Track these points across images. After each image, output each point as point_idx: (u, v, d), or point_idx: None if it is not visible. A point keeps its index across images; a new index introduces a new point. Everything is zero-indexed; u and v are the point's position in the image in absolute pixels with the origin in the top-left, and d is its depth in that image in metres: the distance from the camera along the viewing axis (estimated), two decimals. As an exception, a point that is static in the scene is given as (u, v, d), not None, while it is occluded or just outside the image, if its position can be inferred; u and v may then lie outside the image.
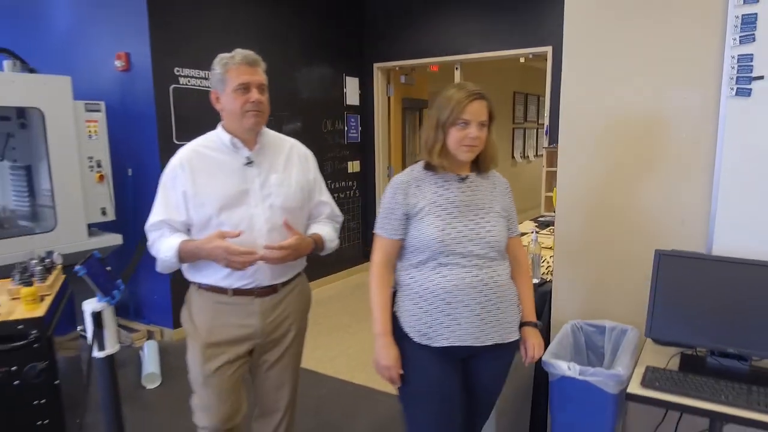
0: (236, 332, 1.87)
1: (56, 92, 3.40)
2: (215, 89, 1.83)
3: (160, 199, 1.85)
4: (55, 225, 3.46)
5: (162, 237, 1.81)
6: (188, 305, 1.95)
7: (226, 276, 1.82)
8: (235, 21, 4.41)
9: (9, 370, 2.10)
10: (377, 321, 1.79)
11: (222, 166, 1.83)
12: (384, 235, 1.79)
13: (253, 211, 1.82)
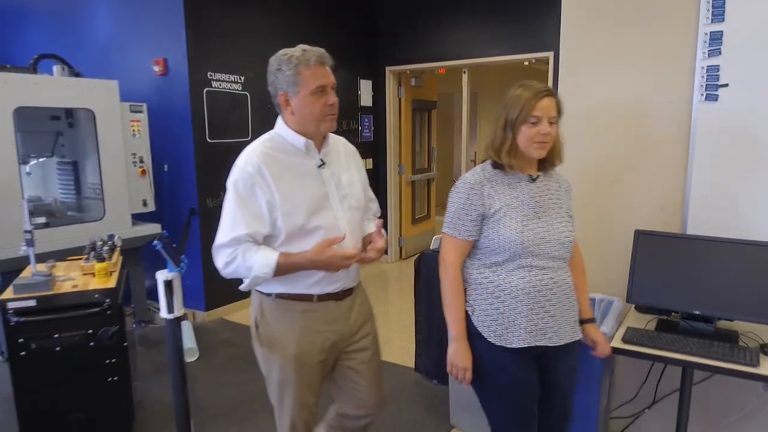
0: (324, 338, 1.78)
1: (105, 95, 3.78)
2: (284, 91, 1.67)
3: (236, 210, 1.65)
4: (103, 215, 3.84)
5: (247, 252, 1.64)
6: (263, 318, 1.80)
7: (315, 283, 1.73)
8: (261, 28, 4.77)
9: (86, 332, 2.49)
10: (453, 324, 1.79)
11: (299, 170, 1.70)
12: (456, 236, 1.76)
13: (335, 213, 1.73)
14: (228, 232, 1.65)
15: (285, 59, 1.65)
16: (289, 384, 1.78)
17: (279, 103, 1.71)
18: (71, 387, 2.49)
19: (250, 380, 3.44)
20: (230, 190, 1.67)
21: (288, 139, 1.73)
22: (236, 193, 1.65)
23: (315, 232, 1.68)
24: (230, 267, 1.66)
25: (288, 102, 1.68)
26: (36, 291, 2.42)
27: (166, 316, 2.29)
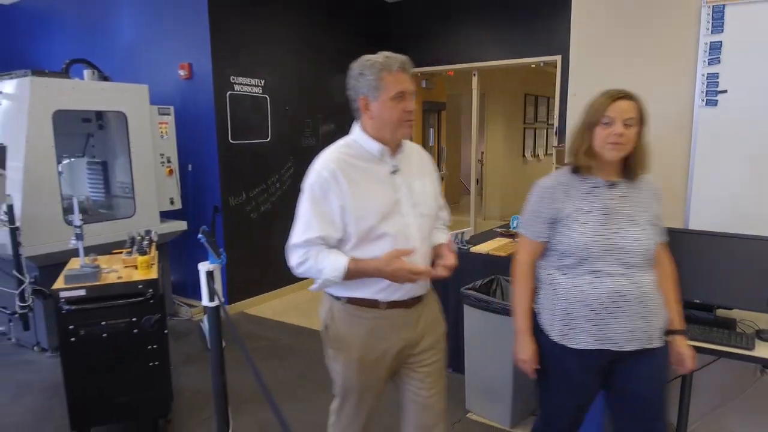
0: (391, 344, 1.79)
1: (136, 98, 3.98)
2: (365, 95, 1.70)
3: (310, 213, 1.70)
4: (134, 212, 4.04)
5: (319, 254, 1.68)
6: (333, 320, 1.83)
7: (382, 289, 1.73)
8: (278, 34, 4.96)
9: (130, 320, 2.68)
10: (519, 317, 1.87)
11: (372, 175, 1.72)
12: (529, 236, 1.84)
13: (406, 220, 1.73)
14: (301, 234, 1.70)
15: (368, 65, 1.69)
16: (352, 387, 1.82)
17: (358, 107, 1.74)
18: (116, 371, 2.68)
19: (276, 369, 3.64)
20: (306, 192, 1.72)
21: (363, 144, 1.75)
22: (311, 196, 1.69)
23: (384, 238, 1.69)
24: (302, 267, 1.71)
25: (368, 106, 1.70)
26: (85, 281, 2.61)
27: (207, 304, 2.49)
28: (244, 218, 4.76)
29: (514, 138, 9.35)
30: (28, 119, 3.42)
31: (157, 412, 2.84)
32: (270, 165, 4.98)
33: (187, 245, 4.72)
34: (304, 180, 1.74)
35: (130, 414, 2.79)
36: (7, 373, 3.61)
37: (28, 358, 3.85)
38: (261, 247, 4.93)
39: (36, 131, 3.45)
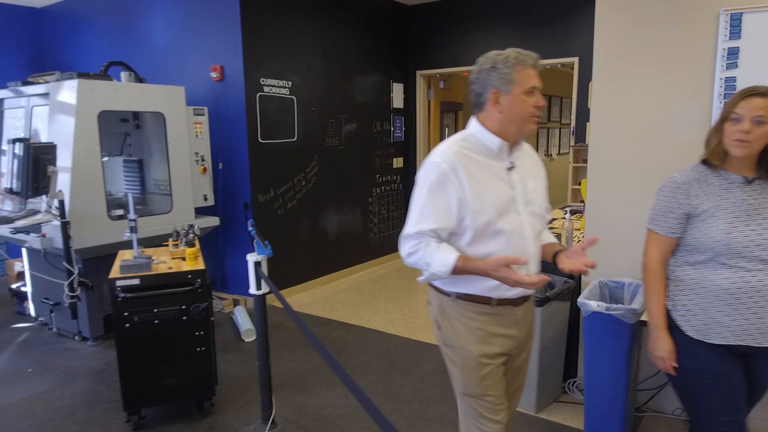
0: (503, 341, 1.79)
1: (174, 99, 4.17)
2: (496, 88, 1.67)
3: (426, 205, 1.68)
4: (170, 208, 4.23)
5: (428, 247, 1.66)
6: (444, 317, 1.82)
7: (494, 287, 1.72)
8: (304, 37, 5.14)
9: (180, 308, 2.86)
10: (654, 314, 1.87)
11: (489, 170, 1.71)
12: (660, 232, 1.85)
13: (520, 218, 1.72)
14: (414, 225, 1.69)
15: (501, 59, 1.66)
16: (473, 385, 1.78)
17: (483, 102, 1.71)
18: (166, 356, 2.87)
19: (308, 358, 3.81)
20: (422, 184, 1.70)
21: (482, 139, 1.73)
22: (428, 188, 1.68)
23: (500, 235, 1.68)
24: (412, 258, 1.70)
25: (498, 100, 1.68)
26: (139, 271, 2.80)
27: (255, 293, 2.68)
28: (271, 214, 4.94)
29: (527, 137, 9.44)
30: (75, 119, 3.62)
31: (203, 395, 3.03)
32: (296, 163, 5.16)
33: (218, 240, 4.92)
34: (418, 172, 1.74)
35: (178, 396, 2.98)
36: (54, 361, 3.81)
37: (71, 347, 4.05)
38: (288, 243, 5.12)
39: (83, 131, 3.65)
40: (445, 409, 3.09)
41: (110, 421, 3.00)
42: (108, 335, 4.10)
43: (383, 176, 6.35)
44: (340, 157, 5.66)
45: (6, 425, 3.00)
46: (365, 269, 6.12)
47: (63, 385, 3.45)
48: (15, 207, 4.27)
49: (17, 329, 4.44)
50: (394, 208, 6.59)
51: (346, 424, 2.97)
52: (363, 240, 6.12)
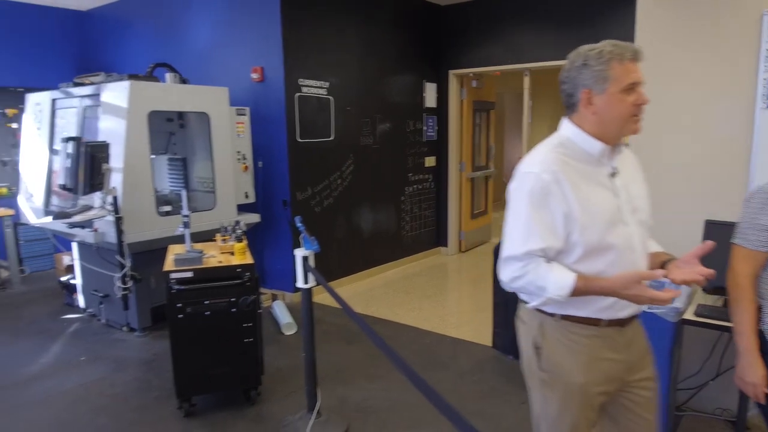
0: (610, 367, 1.60)
1: (218, 100, 4.31)
2: (588, 87, 1.51)
3: (530, 221, 1.51)
4: (214, 205, 4.37)
5: (539, 269, 1.50)
6: (545, 340, 1.62)
7: (606, 307, 1.55)
8: (342, 38, 5.24)
9: (229, 300, 2.98)
10: (743, 336, 1.73)
11: (592, 178, 1.54)
12: (748, 246, 1.72)
13: (629, 230, 1.55)
14: (521, 245, 1.50)
15: (593, 54, 1.50)
16: (569, 415, 1.61)
17: (575, 102, 1.55)
18: (216, 346, 3.00)
19: (346, 351, 3.91)
20: (521, 198, 1.52)
21: (581, 144, 1.56)
22: (530, 202, 1.50)
23: (610, 250, 1.51)
24: (518, 282, 1.52)
25: (591, 100, 1.52)
26: (191, 264, 2.93)
27: (302, 286, 2.78)
28: (309, 212, 5.05)
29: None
30: (127, 120, 3.78)
31: (250, 384, 3.15)
32: (332, 162, 5.27)
33: (257, 236, 5.05)
34: (512, 184, 1.57)
35: (227, 385, 3.11)
36: (105, 350, 3.99)
37: (119, 337, 4.22)
38: (324, 240, 5.21)
39: (134, 130, 3.81)
40: (484, 404, 3.15)
41: (162, 408, 3.14)
42: (155, 327, 4.27)
43: (416, 175, 6.42)
44: (374, 156, 5.75)
45: (64, 410, 3.17)
46: (398, 267, 6.20)
47: (115, 374, 3.61)
48: (66, 203, 4.46)
49: (67, 320, 4.64)
50: (426, 206, 6.65)
51: (387, 416, 3.05)
52: (395, 238, 6.20)
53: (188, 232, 3.06)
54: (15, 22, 6.02)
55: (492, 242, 7.21)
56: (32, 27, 6.18)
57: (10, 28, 5.99)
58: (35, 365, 3.77)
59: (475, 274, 6.07)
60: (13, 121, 5.97)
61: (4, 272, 5.73)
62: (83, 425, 3.00)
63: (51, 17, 6.32)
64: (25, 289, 5.56)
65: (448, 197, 6.75)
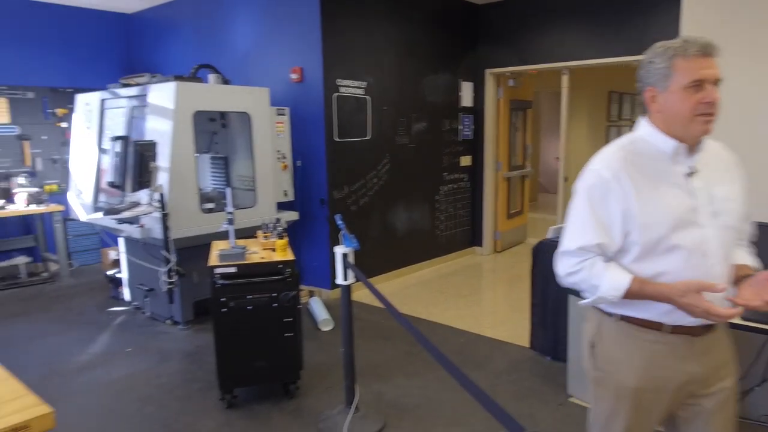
0: (671, 376, 1.54)
1: (259, 100, 4.42)
2: (651, 86, 1.49)
3: (586, 217, 1.52)
4: (254, 203, 4.48)
5: (594, 267, 1.50)
6: (601, 339, 1.61)
7: (669, 311, 1.48)
8: (379, 38, 5.29)
9: (271, 296, 3.06)
10: None
11: (662, 177, 1.50)
12: None
13: (705, 232, 1.48)
14: (575, 240, 1.53)
15: (660, 51, 1.46)
16: (619, 418, 1.58)
17: (644, 101, 1.54)
18: (257, 340, 3.08)
19: (383, 347, 3.96)
20: (581, 194, 1.54)
21: (653, 142, 1.53)
22: (588, 199, 1.52)
23: (675, 252, 1.46)
24: (572, 278, 1.55)
25: (654, 98, 1.50)
26: (235, 260, 3.02)
27: (342, 283, 2.83)
28: (345, 210, 5.11)
29: (597, 136, 9.29)
30: (173, 120, 3.90)
31: (289, 378, 3.22)
32: (369, 161, 5.33)
33: (294, 234, 5.14)
34: (577, 181, 1.57)
35: (267, 378, 3.20)
36: (150, 342, 4.13)
37: (163, 330, 4.37)
38: (359, 238, 5.25)
39: (180, 130, 3.93)
40: (521, 404, 3.14)
41: (205, 399, 3.25)
42: (197, 320, 4.40)
43: (451, 174, 6.42)
44: (410, 156, 5.78)
45: (113, 398, 3.31)
46: (432, 266, 6.22)
47: (160, 365, 3.74)
48: (114, 200, 4.64)
49: (114, 312, 4.82)
50: (461, 206, 6.65)
51: (423, 413, 3.08)
52: (430, 237, 6.22)
53: (232, 228, 3.15)
54: (65, 26, 6.28)
55: (528, 243, 7.15)
56: (81, 30, 6.43)
57: (61, 31, 6.25)
58: (85, 355, 3.94)
59: (511, 274, 6.04)
60: (62, 121, 6.23)
61: (54, 266, 5.99)
62: (131, 413, 3.12)
63: (99, 20, 6.57)
64: (73, 282, 5.80)
65: (483, 197, 6.73)
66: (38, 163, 6.12)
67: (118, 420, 3.06)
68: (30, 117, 6.01)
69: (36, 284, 5.73)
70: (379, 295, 2.43)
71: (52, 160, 6.21)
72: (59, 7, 6.19)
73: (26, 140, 6.00)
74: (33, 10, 6.01)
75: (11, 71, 5.90)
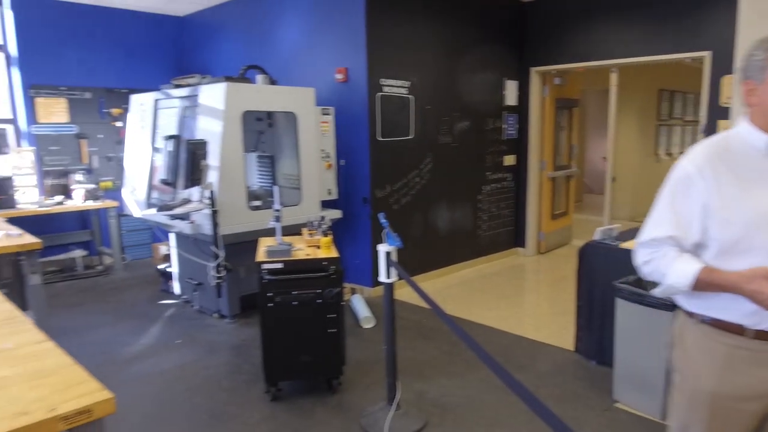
0: (754, 384, 1.46)
1: (305, 100, 4.50)
2: (750, 79, 1.45)
3: (665, 209, 1.53)
4: (299, 201, 4.56)
5: (666, 257, 1.49)
6: (682, 341, 1.59)
7: (753, 313, 1.42)
8: (424, 37, 5.30)
9: (315, 292, 3.11)
10: None
11: (752, 174, 1.45)
12: None
13: None
14: (650, 231, 1.55)
15: (757, 43, 1.45)
16: (696, 424, 1.54)
17: (743, 94, 1.50)
18: (302, 335, 3.14)
19: (424, 347, 3.97)
20: (666, 187, 1.56)
21: (746, 138, 1.49)
22: (671, 192, 1.53)
23: (755, 252, 1.41)
24: (647, 267, 1.56)
25: (752, 92, 1.46)
26: (282, 256, 3.09)
27: (385, 281, 2.86)
28: (387, 209, 5.14)
29: (646, 135, 9.02)
30: (223, 120, 4.02)
31: (332, 373, 3.28)
32: (411, 160, 5.34)
33: (337, 232, 5.20)
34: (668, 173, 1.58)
35: (310, 373, 3.26)
36: (198, 334, 4.27)
37: (210, 323, 4.51)
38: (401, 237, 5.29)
39: (229, 129, 4.05)
40: (565, 408, 3.10)
41: (251, 391, 3.34)
42: (243, 314, 4.52)
43: (494, 173, 6.37)
44: (453, 155, 5.76)
45: (163, 388, 3.44)
46: (474, 266, 6.18)
47: (208, 357, 3.86)
48: (165, 197, 4.81)
49: (164, 305, 5.00)
50: (504, 206, 6.58)
51: (464, 412, 3.08)
52: (472, 237, 6.18)
53: (279, 225, 3.23)
54: (121, 29, 6.54)
55: (573, 245, 7.01)
56: (136, 33, 6.69)
57: (117, 34, 6.52)
58: (136, 345, 4.11)
59: (556, 276, 5.94)
60: (117, 120, 6.50)
61: (108, 259, 6.26)
62: (180, 403, 3.24)
63: (152, 23, 6.82)
64: (125, 276, 6.05)
65: (527, 197, 6.64)
66: (94, 161, 6.41)
67: (169, 408, 3.19)
68: (87, 116, 6.31)
69: (91, 276, 6.01)
70: (422, 294, 2.44)
71: (107, 158, 6.50)
72: (115, 11, 6.46)
73: (84, 139, 6.30)
74: (90, 15, 6.29)
75: (70, 73, 6.20)
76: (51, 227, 5.96)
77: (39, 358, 1.55)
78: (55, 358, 1.55)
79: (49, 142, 6.07)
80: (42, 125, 6.03)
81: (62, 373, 1.45)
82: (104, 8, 6.37)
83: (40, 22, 5.95)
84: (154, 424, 3.03)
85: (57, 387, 1.37)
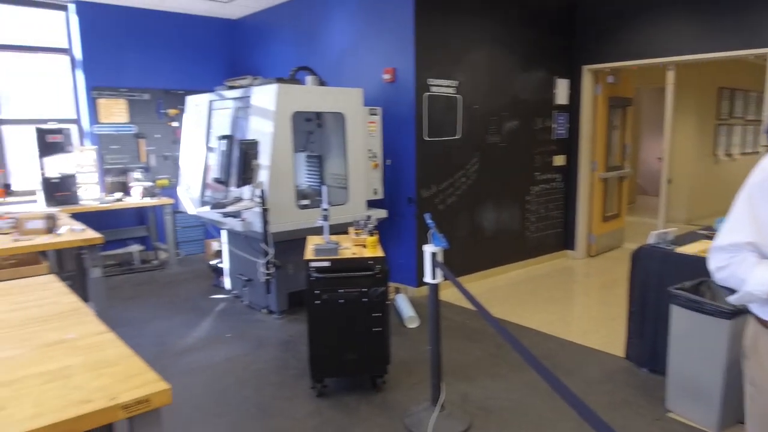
0: None
1: (353, 101, 4.55)
2: None
3: (743, 214, 1.50)
4: (346, 200, 4.62)
5: (744, 262, 1.46)
6: (756, 351, 1.54)
7: None
8: (472, 35, 5.25)
9: (361, 290, 3.14)
10: None
11: None
12: None
13: None
14: (726, 236, 1.51)
15: None
16: None
17: None
18: (348, 333, 3.19)
19: (469, 348, 3.95)
20: (745, 191, 1.52)
21: None
22: (750, 196, 1.50)
23: None
24: (721, 273, 1.52)
25: None
26: (329, 255, 3.14)
27: (430, 281, 2.86)
28: (433, 209, 5.13)
29: (705, 134, 8.64)
30: (274, 120, 4.11)
31: (377, 372, 3.31)
32: (458, 160, 5.31)
33: (382, 231, 5.22)
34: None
35: (356, 370, 3.30)
36: (247, 329, 4.39)
37: (259, 318, 4.62)
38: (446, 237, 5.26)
39: (280, 130, 4.14)
40: (614, 415, 3.02)
41: (297, 386, 3.41)
42: (290, 310, 4.61)
43: (543, 174, 6.25)
44: (500, 155, 5.69)
45: (214, 380, 3.55)
46: (521, 268, 6.09)
47: (256, 351, 3.97)
48: (218, 195, 4.96)
49: (215, 300, 5.17)
50: (553, 207, 6.45)
51: (509, 416, 3.04)
52: (519, 238, 6.09)
53: (327, 224, 3.28)
54: (177, 32, 6.79)
55: (625, 248, 6.80)
56: (191, 36, 6.93)
57: (173, 37, 6.77)
58: (189, 338, 4.26)
59: (607, 279, 5.79)
60: (174, 120, 6.75)
61: (163, 254, 6.51)
62: (231, 395, 3.34)
63: (207, 26, 7.04)
64: (179, 270, 6.28)
65: (577, 198, 6.49)
66: (152, 160, 6.68)
67: (219, 400, 3.29)
68: (145, 117, 6.58)
69: (147, 270, 6.27)
70: (468, 295, 2.43)
71: (164, 157, 6.76)
72: (172, 14, 6.71)
73: (142, 138, 6.58)
74: (149, 19, 6.56)
75: (130, 75, 6.48)
76: (110, 223, 6.25)
77: (101, 349, 1.63)
78: (115, 349, 1.63)
79: (110, 141, 6.37)
80: (103, 125, 6.33)
81: (123, 363, 1.53)
82: (162, 12, 6.63)
83: (103, 26, 6.24)
84: (205, 415, 3.14)
85: (118, 377, 1.44)
